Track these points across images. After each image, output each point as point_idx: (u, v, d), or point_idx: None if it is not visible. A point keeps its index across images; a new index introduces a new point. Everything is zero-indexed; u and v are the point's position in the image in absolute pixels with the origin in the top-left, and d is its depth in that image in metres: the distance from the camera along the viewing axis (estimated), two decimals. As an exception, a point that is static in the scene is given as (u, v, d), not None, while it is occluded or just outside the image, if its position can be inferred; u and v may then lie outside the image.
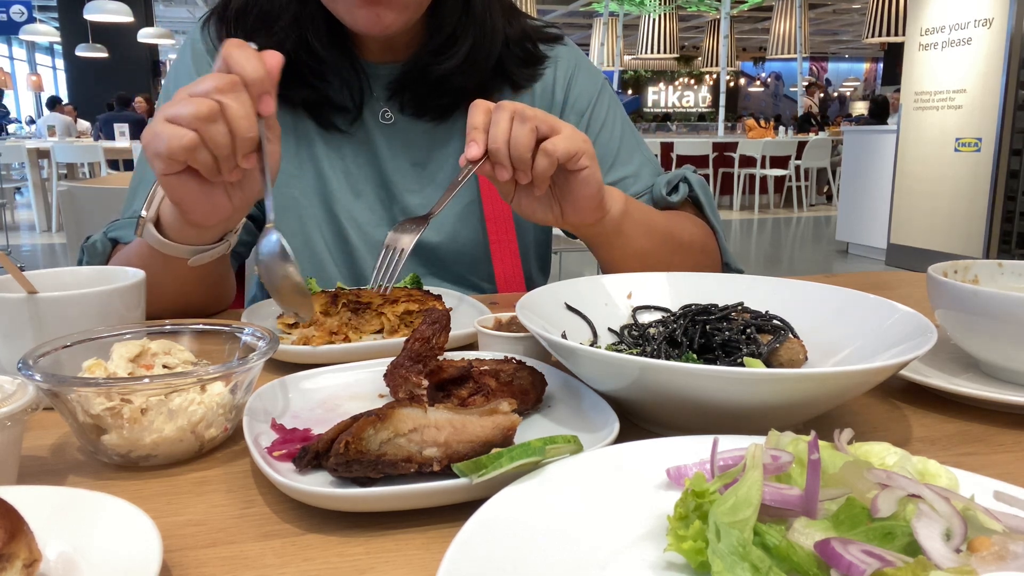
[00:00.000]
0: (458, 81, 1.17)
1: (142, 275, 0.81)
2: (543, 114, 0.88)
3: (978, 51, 6.27)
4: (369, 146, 1.21)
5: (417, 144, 1.22)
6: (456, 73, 1.16)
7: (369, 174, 1.22)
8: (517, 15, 1.24)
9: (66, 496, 0.50)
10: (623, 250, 1.07)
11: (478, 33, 1.16)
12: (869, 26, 9.41)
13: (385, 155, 1.21)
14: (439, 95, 1.19)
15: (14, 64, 22.00)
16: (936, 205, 6.68)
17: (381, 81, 1.20)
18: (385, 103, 1.21)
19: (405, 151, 1.22)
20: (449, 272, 1.25)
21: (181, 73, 1.19)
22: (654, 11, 14.80)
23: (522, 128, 0.86)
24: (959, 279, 0.88)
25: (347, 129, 1.20)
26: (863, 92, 25.18)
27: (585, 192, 0.94)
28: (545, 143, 0.87)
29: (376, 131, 1.21)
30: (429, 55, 1.16)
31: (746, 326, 0.77)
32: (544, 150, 0.87)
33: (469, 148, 0.88)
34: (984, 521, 0.41)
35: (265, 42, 1.08)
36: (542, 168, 0.88)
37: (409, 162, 1.22)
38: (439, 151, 1.23)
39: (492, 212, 1.24)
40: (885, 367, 0.59)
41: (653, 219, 1.10)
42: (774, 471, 0.45)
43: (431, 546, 0.50)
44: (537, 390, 0.69)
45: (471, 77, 1.17)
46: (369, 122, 1.21)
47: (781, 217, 10.81)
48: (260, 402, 0.66)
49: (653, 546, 0.46)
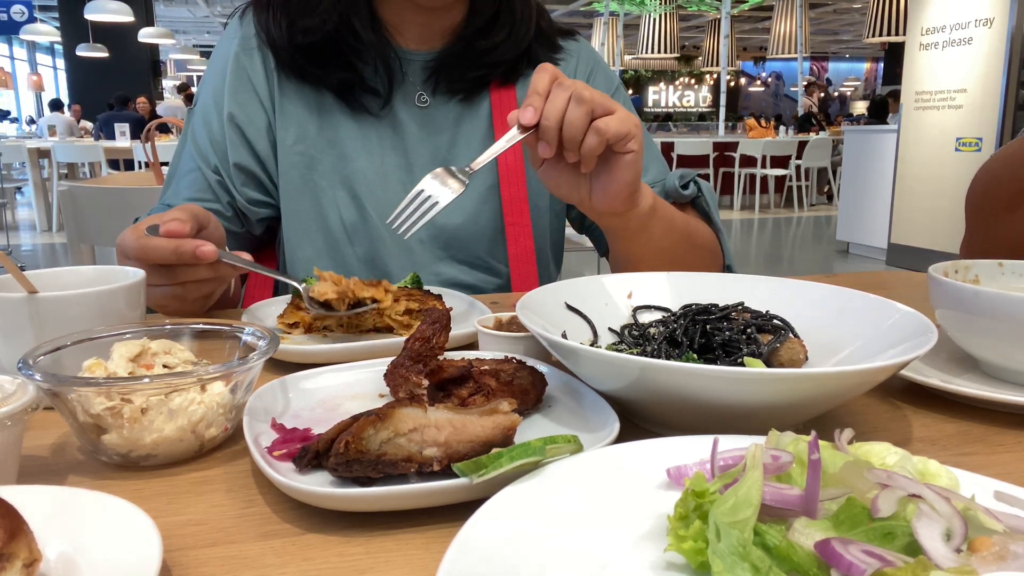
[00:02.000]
0: (499, 55, 1.21)
1: (142, 275, 0.81)
2: (599, 95, 0.88)
3: (978, 51, 6.27)
4: (396, 130, 1.22)
5: (444, 128, 1.23)
6: (499, 47, 1.20)
7: (394, 160, 1.22)
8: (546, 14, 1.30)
9: (66, 496, 0.50)
10: (643, 246, 1.07)
11: (516, 17, 1.21)
12: (869, 26, 9.40)
13: (413, 140, 1.22)
14: (475, 68, 1.22)
15: (14, 64, 22.00)
16: (936, 205, 6.68)
17: (416, 67, 1.22)
18: (420, 86, 1.22)
19: (432, 137, 1.23)
20: (468, 252, 1.25)
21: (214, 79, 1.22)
22: (654, 11, 14.79)
23: (578, 110, 0.87)
24: (959, 279, 0.88)
25: (377, 113, 1.20)
26: (863, 92, 25.16)
27: (624, 177, 0.94)
28: (597, 121, 0.88)
29: (407, 115, 1.22)
30: (474, 33, 1.20)
31: (746, 326, 0.77)
32: (596, 128, 0.88)
33: (524, 112, 0.89)
34: (984, 521, 0.41)
35: (307, 23, 1.13)
36: (591, 146, 0.89)
37: (434, 147, 1.23)
38: (464, 137, 1.24)
39: (509, 195, 1.24)
40: (885, 367, 0.59)
41: (675, 218, 1.10)
42: (774, 471, 0.45)
43: (431, 546, 0.50)
44: (537, 390, 0.69)
45: (512, 50, 1.22)
46: (399, 107, 1.21)
47: (781, 217, 10.80)
48: (260, 402, 0.66)
49: (653, 546, 0.46)
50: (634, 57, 20.71)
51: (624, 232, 1.05)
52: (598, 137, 0.88)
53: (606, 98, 0.89)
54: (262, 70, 1.20)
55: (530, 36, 1.23)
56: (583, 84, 0.88)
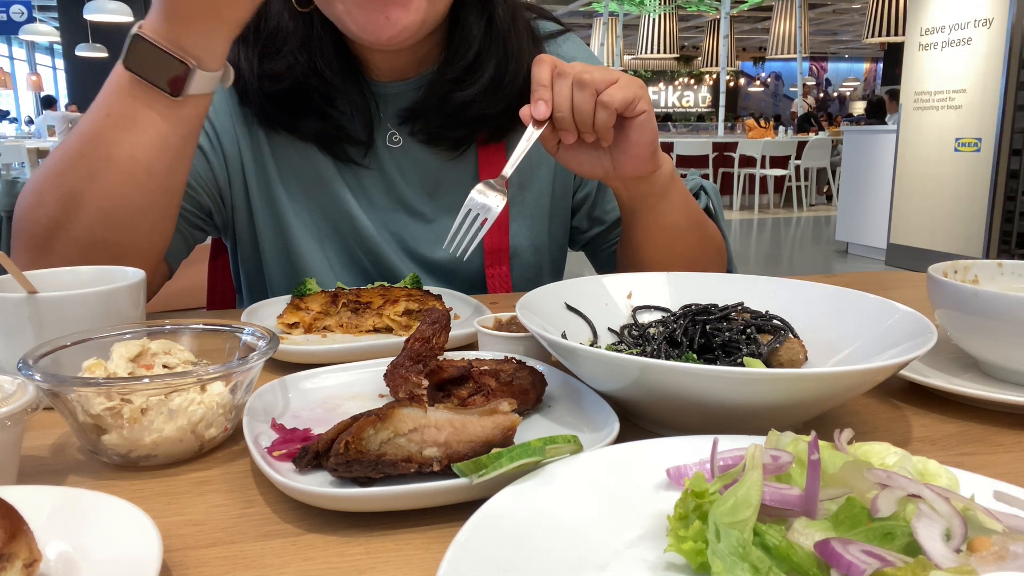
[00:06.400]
0: (479, 109, 1.11)
1: (142, 275, 0.81)
2: (599, 73, 0.89)
3: (978, 51, 6.27)
4: (381, 170, 1.17)
5: (427, 169, 1.18)
6: (478, 100, 1.10)
7: (385, 200, 1.18)
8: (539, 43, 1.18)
9: (66, 496, 0.50)
10: (664, 218, 1.06)
11: (501, 55, 1.10)
12: (869, 26, 9.41)
13: (397, 179, 1.17)
14: (455, 126, 1.13)
15: (14, 64, 22.00)
16: (936, 205, 6.68)
17: (390, 101, 1.15)
18: (394, 126, 1.16)
19: (417, 177, 1.18)
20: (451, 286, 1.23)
21: None
22: (654, 11, 14.79)
23: (583, 94, 0.89)
24: (959, 279, 0.88)
25: (362, 162, 1.15)
26: (863, 92, 25.17)
27: (642, 138, 0.94)
28: (601, 96, 0.89)
29: (385, 155, 1.17)
30: (449, 83, 1.09)
31: (746, 326, 0.77)
32: (602, 103, 0.89)
33: (537, 106, 0.89)
34: (984, 521, 0.41)
35: (274, 67, 1.06)
36: (602, 120, 0.90)
37: (421, 186, 1.18)
38: (450, 181, 1.19)
39: (490, 245, 1.20)
40: (885, 367, 0.59)
41: (689, 197, 1.11)
42: (774, 471, 0.45)
43: (431, 546, 0.50)
44: (537, 390, 0.69)
45: (493, 104, 1.11)
46: (379, 147, 1.17)
47: (781, 217, 10.81)
48: (260, 402, 0.66)
49: (653, 546, 0.46)
50: (633, 57, 20.71)
51: (648, 200, 1.04)
52: (607, 111, 0.89)
53: (604, 70, 0.90)
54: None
55: (520, 80, 1.09)
56: (581, 66, 0.89)
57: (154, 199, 0.93)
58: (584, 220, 1.30)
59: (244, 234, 1.20)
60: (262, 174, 1.15)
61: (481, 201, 0.91)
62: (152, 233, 0.96)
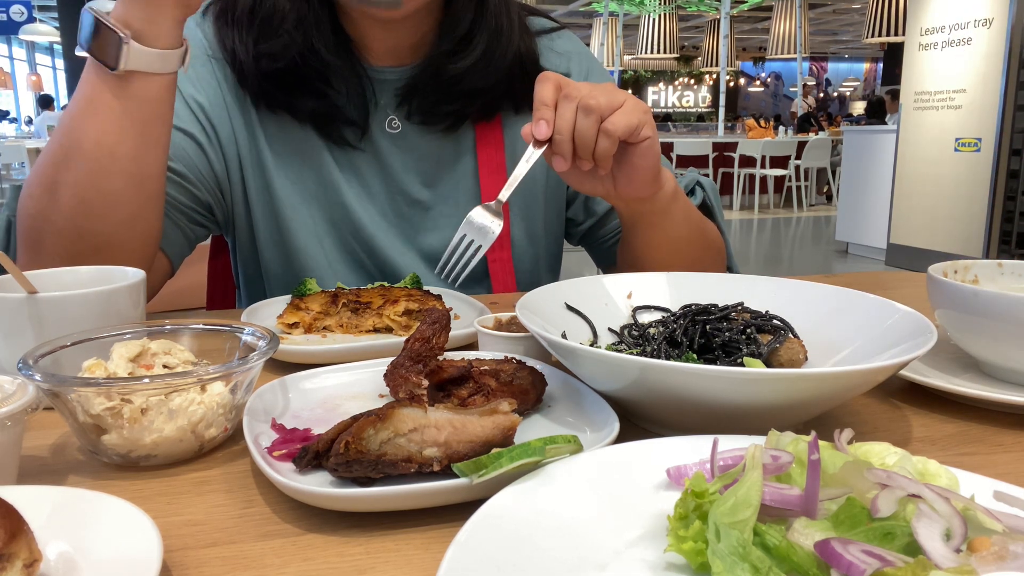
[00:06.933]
0: (471, 82, 1.14)
1: (142, 275, 0.81)
2: (605, 98, 0.87)
3: (978, 51, 6.27)
4: (378, 158, 1.18)
5: (426, 153, 1.19)
6: (471, 72, 1.13)
7: (383, 188, 1.19)
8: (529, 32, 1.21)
9: (66, 496, 0.50)
10: (664, 233, 1.06)
11: (493, 30, 1.13)
12: (869, 26, 9.41)
13: (396, 167, 1.18)
14: (449, 99, 1.15)
15: (14, 64, 21.99)
16: (936, 205, 6.69)
17: (387, 87, 1.17)
18: (392, 111, 1.18)
19: (415, 163, 1.19)
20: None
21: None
22: (654, 11, 14.79)
23: (587, 120, 0.87)
24: (959, 279, 0.88)
25: (357, 144, 1.16)
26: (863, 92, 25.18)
27: (644, 163, 0.93)
28: (605, 124, 0.87)
29: (383, 141, 1.18)
30: (442, 56, 1.13)
31: (746, 326, 0.77)
32: (604, 131, 0.87)
33: (538, 126, 0.88)
34: (984, 521, 0.41)
35: (271, 47, 1.07)
36: (603, 149, 0.88)
37: (420, 172, 1.19)
38: (448, 168, 1.20)
39: None
40: (885, 367, 0.59)
41: (691, 208, 1.10)
42: (774, 471, 0.45)
43: (431, 546, 0.50)
44: (537, 390, 0.69)
45: (485, 77, 1.14)
46: (376, 133, 1.18)
47: (781, 217, 10.81)
48: (260, 402, 0.66)
49: (653, 546, 0.46)
50: (633, 57, 20.72)
51: (649, 217, 1.04)
52: (609, 139, 0.88)
53: (611, 93, 0.88)
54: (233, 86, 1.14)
55: (510, 55, 1.14)
56: (587, 87, 0.88)
57: (124, 185, 0.91)
58: (580, 212, 1.30)
59: (243, 228, 1.20)
60: (259, 166, 1.15)
61: (478, 223, 0.91)
62: (133, 222, 0.94)
